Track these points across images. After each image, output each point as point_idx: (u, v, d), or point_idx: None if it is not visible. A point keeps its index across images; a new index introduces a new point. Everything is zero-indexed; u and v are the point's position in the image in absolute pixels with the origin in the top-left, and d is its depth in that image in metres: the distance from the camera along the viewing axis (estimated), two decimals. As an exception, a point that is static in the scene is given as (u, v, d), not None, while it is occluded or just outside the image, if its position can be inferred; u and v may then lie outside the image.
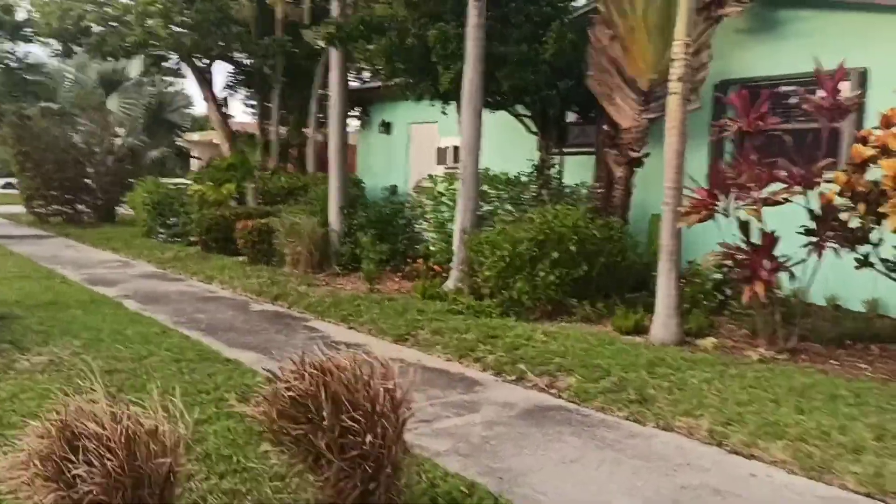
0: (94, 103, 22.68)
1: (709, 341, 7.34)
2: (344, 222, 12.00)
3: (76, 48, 16.65)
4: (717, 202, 6.84)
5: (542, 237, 8.46)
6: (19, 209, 23.28)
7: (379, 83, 14.27)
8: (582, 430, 5.24)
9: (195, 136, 27.32)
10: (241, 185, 15.04)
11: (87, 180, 22.47)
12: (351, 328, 8.44)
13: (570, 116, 12.18)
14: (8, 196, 27.84)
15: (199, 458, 4.12)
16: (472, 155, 9.66)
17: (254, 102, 18.83)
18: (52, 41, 16.93)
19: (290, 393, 3.23)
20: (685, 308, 7.95)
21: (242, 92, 19.32)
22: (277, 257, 12.19)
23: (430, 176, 11.77)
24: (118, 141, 24.72)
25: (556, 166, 11.64)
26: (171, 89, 25.21)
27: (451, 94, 10.51)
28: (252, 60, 16.59)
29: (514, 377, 6.51)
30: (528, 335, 7.53)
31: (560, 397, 6.02)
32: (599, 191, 10.27)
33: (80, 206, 22.39)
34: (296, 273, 11.59)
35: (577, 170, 11.50)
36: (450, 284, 9.71)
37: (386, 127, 16.94)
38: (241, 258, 12.88)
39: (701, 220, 6.85)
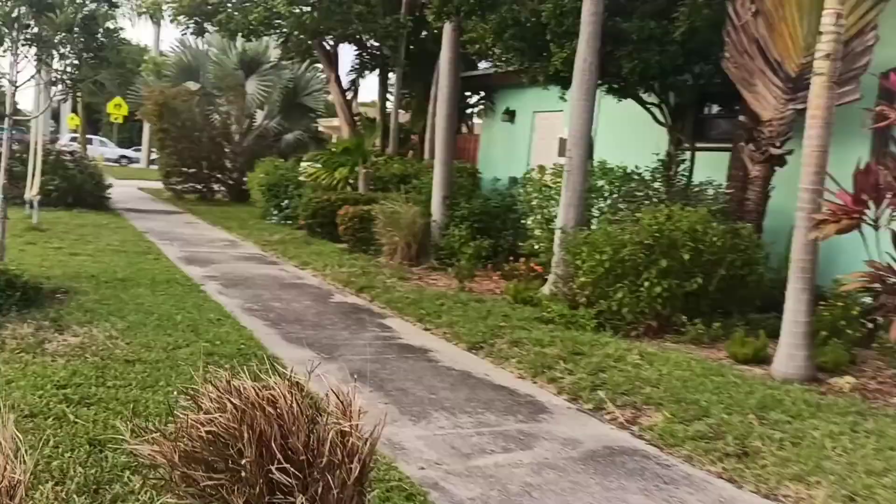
0: (233, 85, 23.11)
1: (845, 381, 5.96)
2: (446, 213, 11.19)
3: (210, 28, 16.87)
4: (864, 210, 5.45)
5: (650, 241, 7.27)
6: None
7: (506, 68, 13.30)
8: (656, 487, 4.15)
9: (335, 122, 27.49)
10: (354, 170, 14.58)
11: (224, 160, 22.99)
12: (426, 329, 7.61)
13: (707, 107, 10.83)
14: (154, 172, 29.03)
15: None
16: (580, 144, 8.57)
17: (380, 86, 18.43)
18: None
19: (207, 429, 2.42)
20: (821, 337, 6.55)
21: (368, 75, 18.96)
22: (376, 246, 11.57)
23: (540, 167, 10.73)
24: (256, 122, 25.20)
25: (686, 162, 10.31)
26: (307, 73, 25.33)
27: (564, 77, 9.43)
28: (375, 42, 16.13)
29: (590, 406, 5.45)
30: (619, 355, 6.42)
31: (640, 437, 4.92)
32: (730, 191, 8.91)
33: (214, 185, 22.94)
34: (391, 264, 10.92)
35: (710, 168, 10.09)
36: (546, 289, 8.68)
37: (510, 115, 16.00)
38: (342, 245, 12.38)
39: (841, 232, 5.49)
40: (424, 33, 15.78)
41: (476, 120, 19.03)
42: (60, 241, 10.59)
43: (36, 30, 7.49)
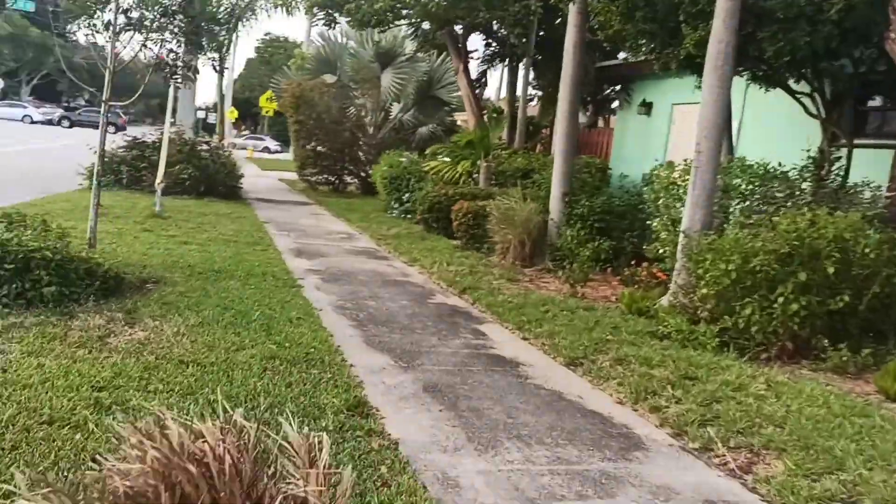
0: (368, 77, 23.19)
1: None
2: (564, 211, 10.41)
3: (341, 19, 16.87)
4: None
5: (787, 250, 6.24)
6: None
7: (636, 54, 12.29)
8: (763, 564, 3.30)
9: (465, 117, 27.20)
10: (476, 164, 14.04)
11: (358, 152, 23.14)
12: (524, 338, 6.91)
13: (868, 97, 9.45)
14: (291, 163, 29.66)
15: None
16: (712, 136, 7.56)
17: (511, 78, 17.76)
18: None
19: (125, 484, 1.90)
20: None
21: (499, 66, 18.33)
22: (489, 245, 10.96)
23: (669, 162, 9.72)
24: (391, 115, 25.21)
25: (842, 160, 9.01)
26: (442, 66, 25.04)
27: (699, 63, 8.41)
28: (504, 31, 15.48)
29: (696, 445, 4.59)
30: (741, 383, 5.48)
31: (753, 491, 4.04)
32: (892, 195, 7.63)
33: (346, 177, 23.13)
34: (502, 264, 10.27)
35: (869, 167, 8.76)
36: (665, 300, 7.75)
37: (646, 107, 14.91)
38: (456, 242, 11.86)
39: None
40: (557, 20, 14.96)
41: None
42: (177, 230, 10.68)
43: (135, 14, 7.39)
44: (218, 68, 19.33)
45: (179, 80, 8.79)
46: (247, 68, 73.06)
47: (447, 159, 14.91)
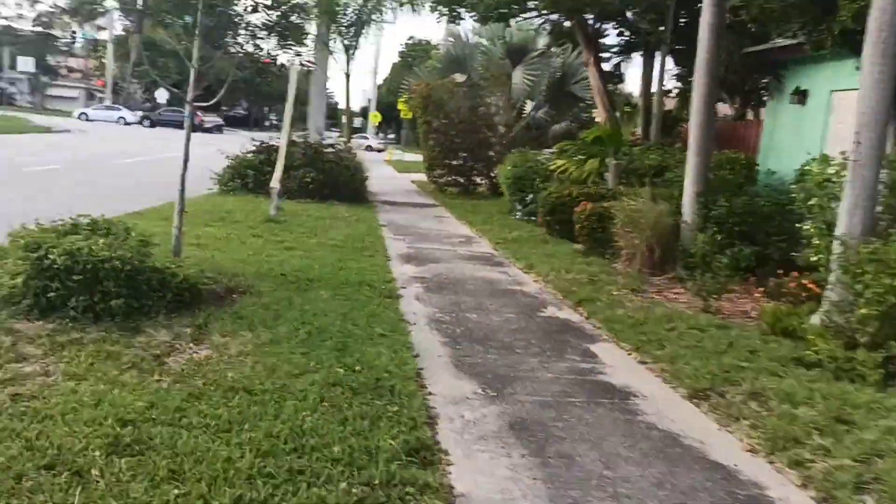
0: (499, 75, 22.54)
1: None
2: (699, 213, 9.28)
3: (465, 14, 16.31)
4: None
5: (975, 263, 4.99)
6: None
7: (783, 33, 10.92)
8: None
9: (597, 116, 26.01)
10: (605, 162, 13.04)
11: (489, 152, 22.56)
12: (641, 362, 5.99)
13: None
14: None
15: None
16: (874, 125, 6.32)
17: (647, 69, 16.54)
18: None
19: None
20: None
21: (631, 58, 17.12)
22: (613, 250, 9.99)
23: (823, 156, 8.37)
24: (523, 114, 24.46)
25: None
26: (576, 61, 23.98)
27: (858, 39, 7.12)
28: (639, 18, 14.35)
29: (849, 518, 3.58)
30: (912, 432, 4.36)
31: None
32: None
33: (476, 178, 22.58)
34: (627, 272, 9.29)
35: None
36: (816, 318, 6.55)
37: (800, 96, 13.34)
38: (579, 246, 10.96)
39: None
40: (697, 3, 13.64)
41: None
42: (287, 235, 10.44)
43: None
44: (346, 71, 19.27)
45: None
46: (392, 73, 74.47)
47: (570, 159, 13.97)
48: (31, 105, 79.04)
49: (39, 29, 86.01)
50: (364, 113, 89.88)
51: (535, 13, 16.24)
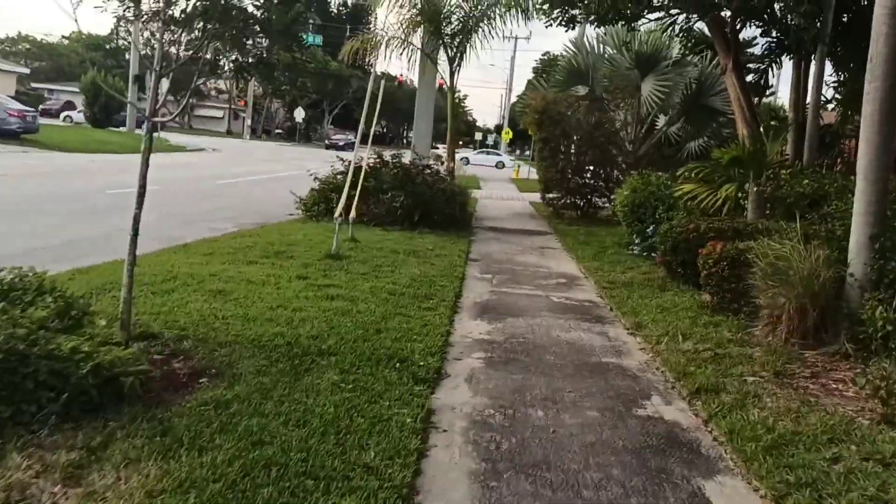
0: (625, 86, 20.16)
1: None
2: (873, 264, 6.75)
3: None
4: None
5: None
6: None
7: None
8: None
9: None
10: (745, 187, 10.52)
11: (614, 171, 20.24)
12: (787, 522, 3.74)
13: None
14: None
15: None
16: None
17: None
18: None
19: None
20: None
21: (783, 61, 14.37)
22: (751, 307, 7.57)
23: None
24: (656, 129, 21.94)
25: None
26: (715, 70, 21.18)
27: None
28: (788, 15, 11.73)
29: None
30: None
31: None
32: None
33: (597, 199, 20.27)
34: (769, 343, 6.87)
35: None
36: None
37: None
38: (705, 297, 8.59)
39: None
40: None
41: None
42: (341, 276, 8.70)
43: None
44: (448, 84, 17.51)
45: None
46: (527, 89, 72.86)
47: (699, 184, 11.52)
48: (177, 125, 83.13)
49: (190, 53, 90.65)
50: (498, 129, 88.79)
51: (660, 13, 13.87)
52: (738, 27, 13.17)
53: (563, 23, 14.13)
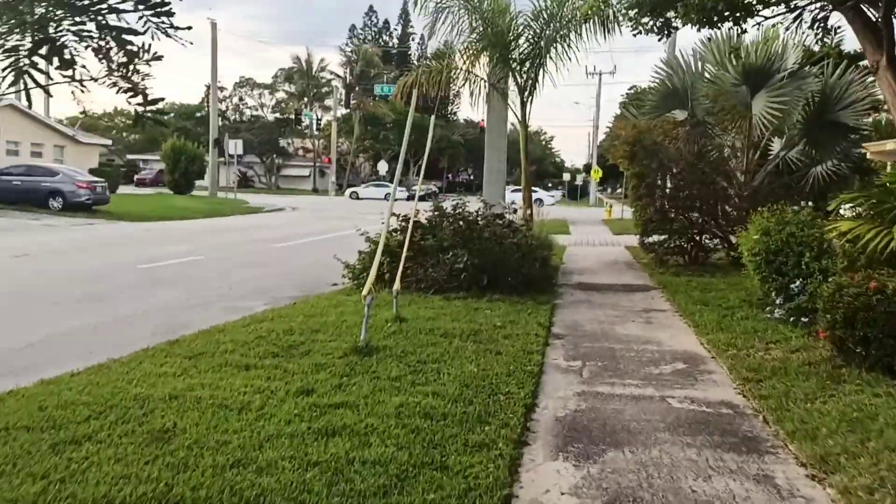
0: (732, 106, 17.05)
1: None
2: None
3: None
4: None
5: None
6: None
7: None
8: None
9: (889, 145, 19.01)
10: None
11: (725, 207, 17.10)
12: None
13: None
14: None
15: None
16: None
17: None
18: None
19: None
20: None
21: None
22: None
23: None
24: (771, 155, 18.66)
25: None
26: (845, 76, 17.83)
27: None
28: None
29: None
30: None
31: None
32: None
33: (708, 242, 17.11)
34: None
35: None
36: None
37: None
38: (917, 398, 5.54)
39: None
40: None
41: None
42: (363, 385, 6.07)
43: None
44: (519, 117, 14.82)
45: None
46: (616, 121, 69.82)
47: (862, 222, 8.42)
48: (264, 185, 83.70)
49: (277, 115, 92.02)
50: (587, 169, 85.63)
51: (779, 5, 10.92)
52: (890, 14, 10.07)
53: (656, 30, 11.36)
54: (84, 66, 3.50)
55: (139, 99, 3.68)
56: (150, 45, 3.50)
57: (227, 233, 23.73)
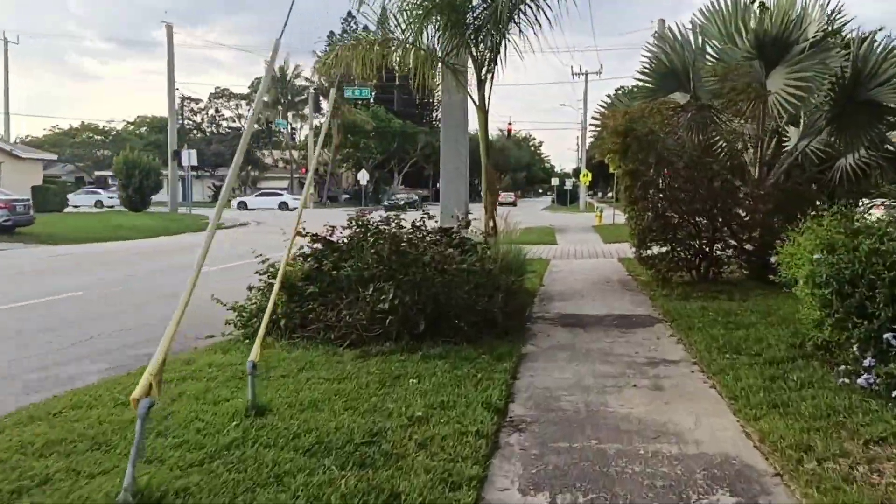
0: (744, 86, 13.85)
1: None
2: None
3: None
4: None
5: None
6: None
7: None
8: None
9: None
10: None
11: (737, 209, 13.88)
12: None
13: None
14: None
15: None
16: None
17: None
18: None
19: None
20: None
21: None
22: None
23: None
24: (785, 144, 15.49)
25: None
26: (877, 46, 14.66)
27: None
28: None
29: None
30: None
31: None
32: None
33: (719, 253, 13.87)
34: None
35: None
36: None
37: None
38: None
39: None
40: None
41: None
42: None
43: None
44: (476, 100, 11.44)
45: None
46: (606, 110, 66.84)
47: None
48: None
49: (237, 125, 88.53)
50: (576, 173, 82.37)
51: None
52: None
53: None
54: None
55: None
56: None
57: (155, 256, 20.37)
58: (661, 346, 8.28)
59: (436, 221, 10.05)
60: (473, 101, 11.27)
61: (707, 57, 15.06)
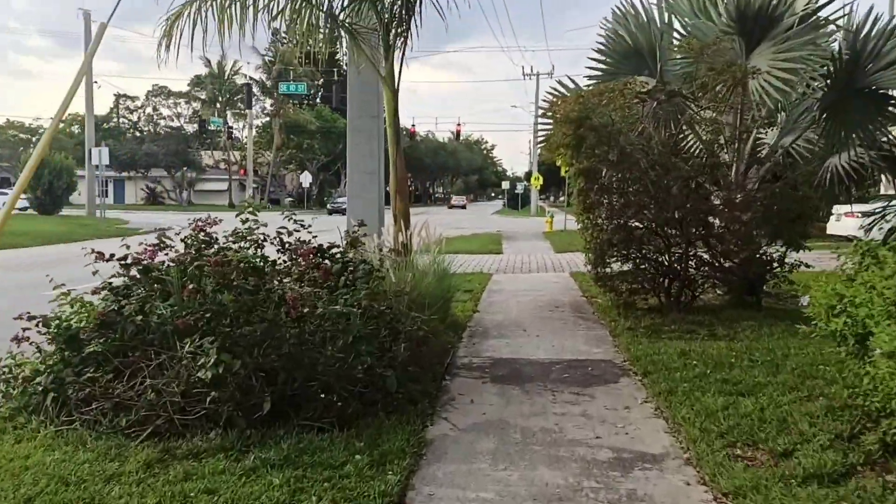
0: (721, 68, 11.32)
1: None
2: None
3: None
4: None
5: None
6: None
7: None
8: None
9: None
10: None
11: (711, 220, 11.26)
12: None
13: None
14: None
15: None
16: None
17: None
18: None
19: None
20: None
21: None
22: None
23: None
24: (767, 142, 13.01)
25: None
26: (881, 21, 12.32)
27: None
28: None
29: None
30: None
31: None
32: None
33: (692, 271, 11.26)
34: None
35: None
36: None
37: None
38: None
39: None
40: None
41: None
42: None
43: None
44: (383, 73, 8.56)
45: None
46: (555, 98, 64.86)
47: None
48: (175, 202, 76.04)
49: (177, 124, 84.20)
50: (528, 177, 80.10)
51: None
52: None
53: None
54: None
55: None
56: None
57: (14, 273, 17.22)
58: (633, 423, 5.60)
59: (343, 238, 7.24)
60: (379, 74, 8.44)
61: (676, 35, 12.53)
